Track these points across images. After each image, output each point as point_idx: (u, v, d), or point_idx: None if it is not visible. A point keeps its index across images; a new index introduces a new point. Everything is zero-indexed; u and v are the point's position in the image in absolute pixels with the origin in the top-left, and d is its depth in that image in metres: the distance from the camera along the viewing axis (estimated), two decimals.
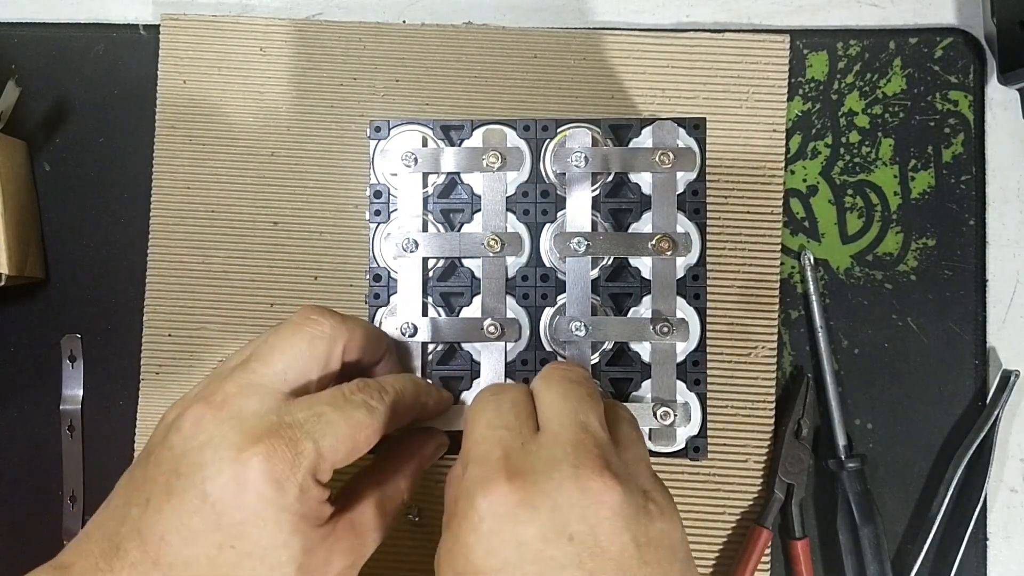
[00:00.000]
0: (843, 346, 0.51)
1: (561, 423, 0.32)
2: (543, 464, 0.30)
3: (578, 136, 0.40)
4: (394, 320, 0.40)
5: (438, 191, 0.41)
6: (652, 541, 0.29)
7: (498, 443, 0.31)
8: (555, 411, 0.32)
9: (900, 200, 0.51)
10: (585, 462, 0.30)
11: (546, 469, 0.29)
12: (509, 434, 0.31)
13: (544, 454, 0.30)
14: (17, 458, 0.52)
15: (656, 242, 0.39)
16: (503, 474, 0.29)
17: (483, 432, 0.32)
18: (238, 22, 0.53)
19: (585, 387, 0.34)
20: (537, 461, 0.30)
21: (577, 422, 0.31)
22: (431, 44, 0.52)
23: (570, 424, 0.31)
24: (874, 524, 0.48)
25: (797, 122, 0.52)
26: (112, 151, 0.53)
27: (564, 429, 0.31)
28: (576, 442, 0.30)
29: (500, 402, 0.33)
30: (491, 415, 0.32)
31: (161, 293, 0.52)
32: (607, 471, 0.29)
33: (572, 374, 0.34)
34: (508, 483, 0.29)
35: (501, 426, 0.32)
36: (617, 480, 0.29)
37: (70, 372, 0.52)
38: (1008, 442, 0.51)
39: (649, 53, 0.51)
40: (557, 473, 0.29)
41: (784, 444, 0.49)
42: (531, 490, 0.29)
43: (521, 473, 0.29)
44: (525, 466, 0.30)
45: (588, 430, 0.31)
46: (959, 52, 0.52)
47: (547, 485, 0.29)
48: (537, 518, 0.28)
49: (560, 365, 0.35)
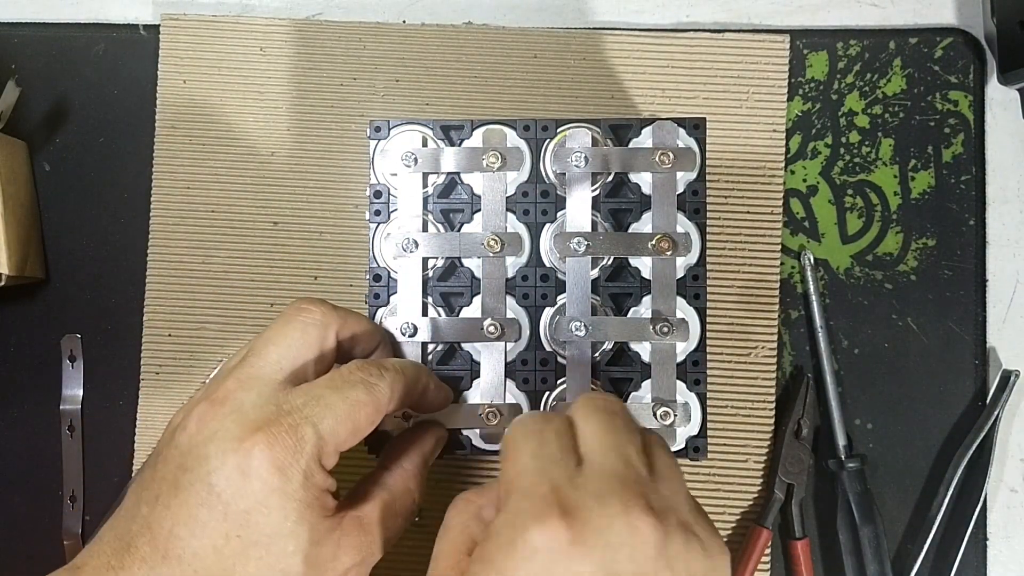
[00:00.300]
0: (843, 346, 0.51)
1: (605, 456, 0.31)
2: (593, 500, 0.29)
3: (578, 136, 0.40)
4: (394, 320, 0.40)
5: (438, 191, 0.41)
6: None
7: (545, 476, 0.30)
8: (598, 443, 0.32)
9: (900, 200, 0.52)
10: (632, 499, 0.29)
11: (597, 506, 0.29)
12: (555, 467, 0.31)
13: (592, 488, 0.30)
14: (17, 458, 0.52)
15: (656, 242, 0.39)
16: (556, 509, 0.29)
17: (528, 463, 0.31)
18: (238, 22, 0.53)
19: (622, 418, 0.33)
20: (587, 496, 0.29)
21: (621, 456, 0.31)
22: (431, 44, 0.52)
23: (615, 458, 0.31)
24: (874, 524, 0.48)
25: (797, 122, 0.52)
26: (112, 151, 0.53)
27: (609, 463, 0.31)
28: (622, 477, 0.30)
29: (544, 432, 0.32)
30: (535, 446, 0.32)
31: (161, 293, 0.52)
32: (651, 509, 0.29)
33: (611, 405, 0.34)
34: (561, 519, 0.28)
35: (546, 457, 0.31)
36: (660, 519, 0.29)
37: (70, 372, 0.52)
38: (1008, 442, 0.51)
39: (649, 53, 0.51)
40: (608, 510, 0.29)
41: (784, 444, 0.49)
42: (583, 528, 0.28)
43: (573, 509, 0.29)
44: (577, 502, 0.29)
45: (631, 464, 0.31)
46: (959, 52, 0.52)
47: (599, 523, 0.28)
48: (590, 556, 0.28)
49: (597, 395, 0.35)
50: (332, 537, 0.32)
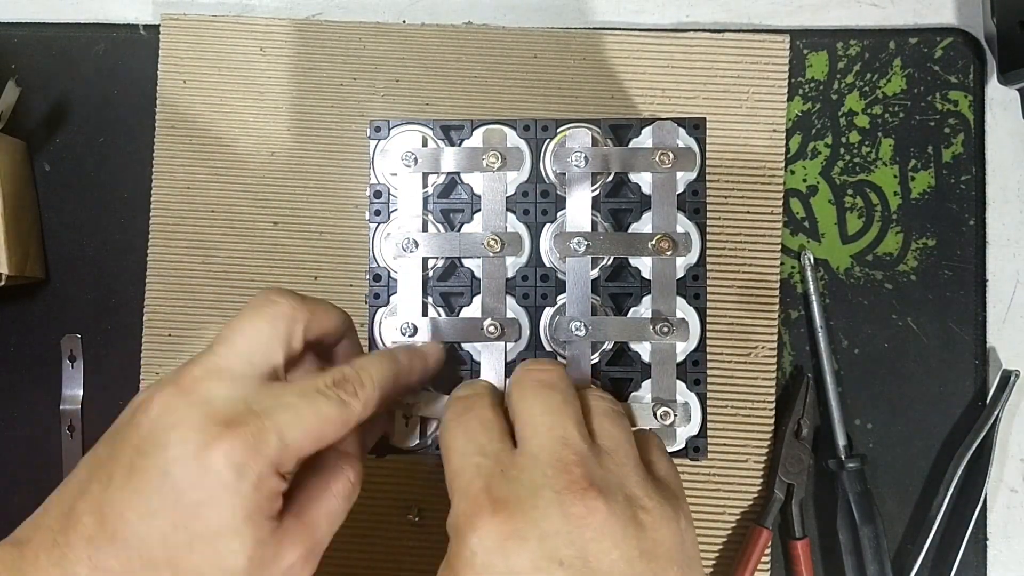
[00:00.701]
0: (843, 346, 0.51)
1: (539, 442, 0.31)
2: (526, 491, 0.30)
3: (578, 136, 0.40)
4: (394, 320, 0.40)
5: (438, 191, 0.41)
6: (645, 553, 0.29)
7: (476, 472, 0.31)
8: (532, 427, 0.32)
9: (900, 200, 0.52)
10: (567, 485, 0.29)
11: (529, 497, 0.29)
12: (486, 460, 0.31)
13: (525, 479, 0.30)
14: (17, 458, 0.52)
15: (656, 242, 0.39)
16: (487, 508, 0.29)
17: (459, 462, 0.31)
18: (238, 22, 0.53)
19: (560, 392, 0.33)
20: (520, 487, 0.30)
21: (556, 437, 0.31)
22: (431, 44, 0.52)
23: (549, 441, 0.31)
24: (874, 524, 0.48)
25: (797, 122, 0.52)
26: (112, 151, 0.53)
27: (543, 449, 0.31)
28: (557, 462, 0.30)
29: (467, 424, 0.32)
30: (461, 441, 0.32)
31: (161, 293, 0.52)
32: (590, 489, 0.29)
33: (546, 377, 0.34)
34: (493, 516, 0.29)
35: (475, 452, 0.31)
36: (602, 498, 0.29)
37: (70, 372, 0.52)
38: (1008, 442, 0.51)
39: (649, 53, 0.51)
40: (541, 500, 0.29)
41: (784, 444, 0.49)
42: (517, 521, 0.29)
43: (505, 504, 0.29)
44: (509, 495, 0.30)
45: (568, 444, 0.31)
46: (959, 52, 0.52)
47: (532, 514, 0.29)
48: (527, 548, 0.29)
49: (533, 368, 0.35)
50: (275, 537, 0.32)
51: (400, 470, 0.51)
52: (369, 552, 0.50)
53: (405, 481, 0.51)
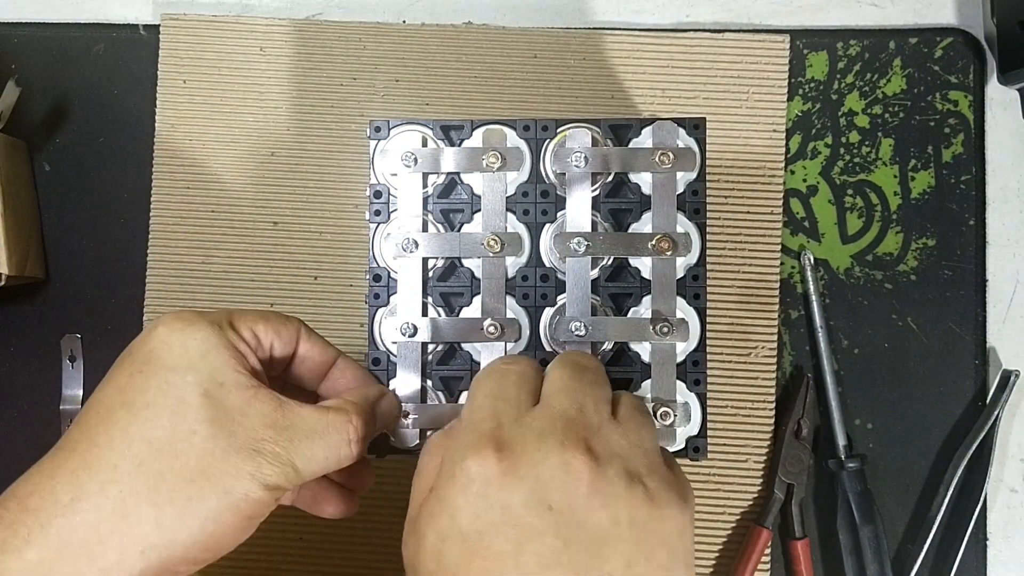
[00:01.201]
0: (843, 346, 0.51)
1: (558, 400, 0.32)
2: (532, 436, 0.31)
3: (578, 136, 0.40)
4: (394, 320, 0.40)
5: (438, 191, 0.41)
6: (636, 523, 0.30)
7: (493, 414, 0.32)
8: (556, 388, 0.33)
9: (900, 200, 0.51)
10: (571, 439, 0.31)
11: (534, 441, 0.31)
12: (506, 405, 0.32)
13: (536, 426, 0.31)
14: (17, 458, 0.52)
15: (656, 242, 0.39)
16: (492, 443, 0.31)
17: (481, 401, 0.33)
18: (238, 22, 0.53)
19: (593, 373, 0.34)
20: (528, 433, 0.31)
21: (575, 400, 0.32)
22: (431, 44, 0.52)
23: (567, 401, 0.32)
24: (874, 524, 0.48)
25: (797, 122, 0.52)
26: (112, 151, 0.53)
27: (559, 405, 0.32)
28: (568, 419, 0.31)
29: (506, 373, 0.34)
30: (493, 385, 0.33)
31: (161, 293, 0.52)
32: (592, 451, 0.30)
33: (586, 360, 0.35)
34: (496, 452, 0.30)
35: (500, 397, 0.33)
36: (599, 460, 0.30)
37: (70, 372, 0.52)
38: (1008, 442, 0.51)
39: (649, 53, 0.51)
40: (543, 446, 0.30)
41: (784, 444, 0.49)
42: (517, 461, 0.30)
43: (510, 444, 0.31)
44: (515, 438, 0.31)
45: (583, 411, 0.32)
46: (959, 52, 0.52)
47: (533, 457, 0.30)
48: (521, 487, 0.30)
49: (576, 351, 0.37)
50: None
51: (400, 470, 0.51)
52: (368, 552, 0.50)
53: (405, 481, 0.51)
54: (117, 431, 0.32)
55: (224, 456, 0.31)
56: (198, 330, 0.33)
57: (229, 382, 0.33)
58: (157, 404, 0.32)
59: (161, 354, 0.33)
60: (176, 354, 0.33)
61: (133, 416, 0.32)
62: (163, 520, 0.31)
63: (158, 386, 0.32)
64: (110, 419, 0.32)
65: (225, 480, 0.31)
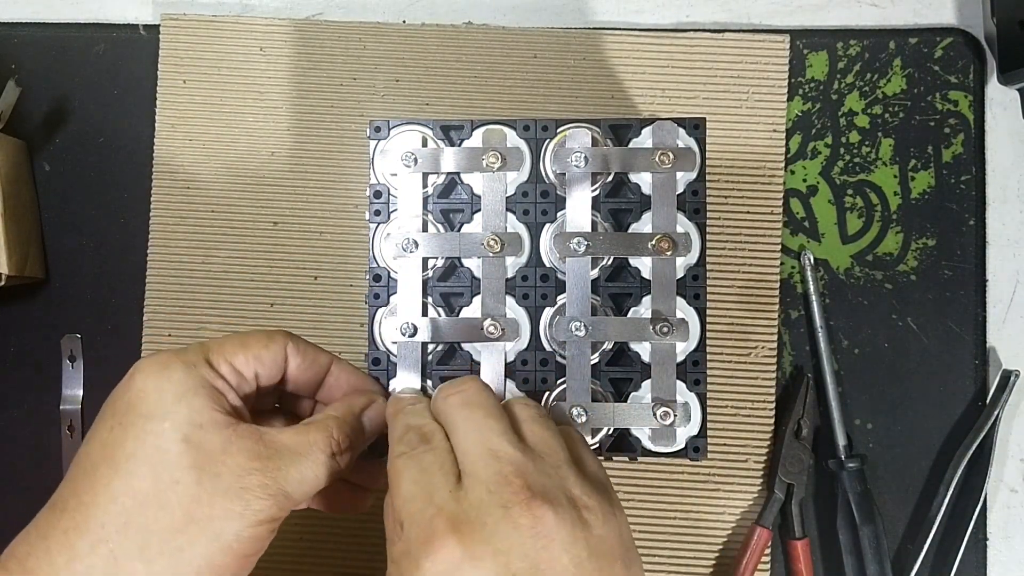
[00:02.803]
0: (843, 346, 0.51)
1: (474, 460, 0.32)
2: (474, 511, 0.30)
3: (578, 136, 0.40)
4: (394, 320, 0.40)
5: (438, 191, 0.41)
6: (593, 552, 0.30)
7: (429, 499, 0.31)
8: (467, 448, 0.32)
9: (900, 200, 0.51)
10: (511, 497, 0.30)
11: (478, 516, 0.30)
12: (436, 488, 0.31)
13: (472, 499, 0.30)
14: (17, 458, 0.52)
15: (656, 242, 0.39)
16: (440, 531, 0.30)
17: (410, 489, 0.32)
18: (238, 22, 0.53)
19: (481, 408, 0.34)
20: (468, 508, 0.30)
21: (487, 452, 0.32)
22: (431, 44, 0.52)
23: (482, 458, 0.32)
24: (874, 524, 0.48)
25: (797, 122, 0.52)
26: (112, 151, 0.53)
27: (479, 466, 0.31)
28: (496, 476, 0.31)
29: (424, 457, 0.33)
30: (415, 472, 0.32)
31: (161, 293, 0.52)
32: (535, 499, 0.30)
33: (463, 396, 0.34)
34: (446, 539, 0.29)
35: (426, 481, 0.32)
36: (547, 505, 0.30)
37: (70, 372, 0.52)
38: (1008, 442, 0.51)
39: (649, 53, 0.51)
40: (490, 518, 0.30)
41: (784, 444, 0.49)
42: (470, 541, 0.29)
43: (456, 525, 0.30)
44: (459, 516, 0.30)
45: (500, 456, 0.31)
46: (959, 52, 0.52)
47: (483, 532, 0.30)
48: (482, 567, 0.29)
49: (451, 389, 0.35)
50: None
51: None
52: (367, 552, 0.50)
53: None
54: (101, 487, 0.32)
55: (211, 501, 0.31)
56: (173, 372, 0.33)
57: (207, 423, 0.32)
58: (137, 456, 0.32)
59: (137, 404, 0.33)
60: (152, 401, 0.33)
61: (115, 471, 0.32)
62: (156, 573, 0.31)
63: (136, 436, 0.32)
64: (95, 475, 0.32)
65: (214, 525, 0.31)
